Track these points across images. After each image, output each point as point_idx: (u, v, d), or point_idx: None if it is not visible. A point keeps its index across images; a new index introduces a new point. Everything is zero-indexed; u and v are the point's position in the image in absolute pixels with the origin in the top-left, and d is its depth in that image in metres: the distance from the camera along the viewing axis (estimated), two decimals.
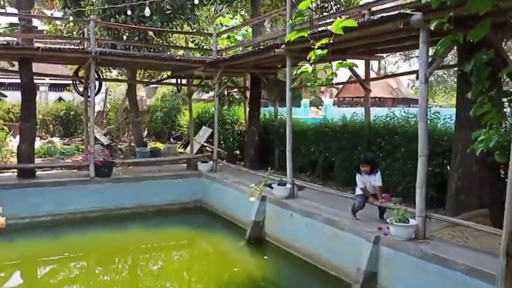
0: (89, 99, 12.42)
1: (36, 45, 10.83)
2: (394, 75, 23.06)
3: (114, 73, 20.20)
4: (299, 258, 7.95)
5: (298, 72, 2.73)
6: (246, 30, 15.69)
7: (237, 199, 10.11)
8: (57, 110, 22.50)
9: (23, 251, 8.74)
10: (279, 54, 8.77)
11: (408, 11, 5.86)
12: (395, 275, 6.15)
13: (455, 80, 33.91)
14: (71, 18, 11.90)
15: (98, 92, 13.05)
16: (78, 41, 12.67)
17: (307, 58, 3.10)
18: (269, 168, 9.47)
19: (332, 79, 2.87)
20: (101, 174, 10.70)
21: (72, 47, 13.86)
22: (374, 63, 47.02)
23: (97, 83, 12.49)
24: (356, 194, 7.36)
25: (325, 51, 2.52)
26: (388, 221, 6.28)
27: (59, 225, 10.03)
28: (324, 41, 2.47)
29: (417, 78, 6.22)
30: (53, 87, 29.20)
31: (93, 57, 10.41)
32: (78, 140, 19.68)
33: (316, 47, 2.52)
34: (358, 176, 7.26)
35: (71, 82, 27.33)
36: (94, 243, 9.39)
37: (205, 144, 15.35)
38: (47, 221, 10.05)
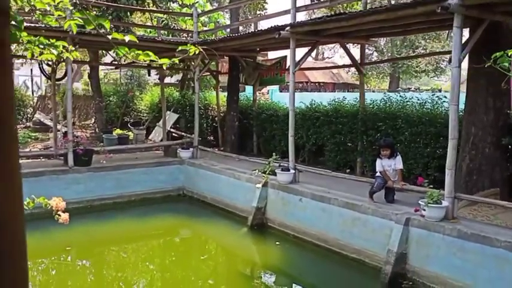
0: (57, 82, 11.51)
1: None
2: (409, 58, 22.40)
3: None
4: (311, 243, 7.92)
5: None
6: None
7: (232, 186, 9.86)
8: None
9: None
10: (282, 37, 8.56)
11: None
12: (428, 255, 6.28)
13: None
14: None
15: (66, 75, 12.06)
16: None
17: None
18: (274, 154, 9.27)
19: None
20: (80, 163, 9.96)
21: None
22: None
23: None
24: (376, 175, 7.42)
25: None
26: (420, 202, 6.39)
27: (38, 219, 9.13)
28: None
29: (449, 62, 6.32)
30: None
31: (71, 36, 9.58)
32: (23, 127, 18.23)
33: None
34: (378, 161, 7.32)
35: None
36: (81, 236, 8.74)
37: (172, 130, 14.79)
38: (25, 215, 9.17)
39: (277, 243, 8.30)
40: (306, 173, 8.98)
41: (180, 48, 3.64)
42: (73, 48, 4.08)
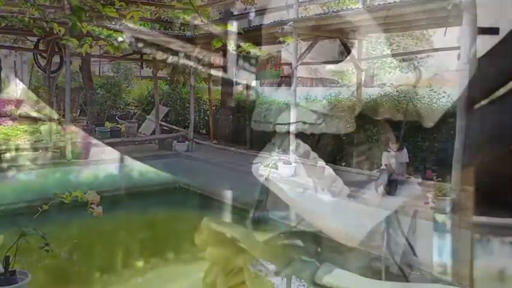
0: (52, 75, 11.35)
1: None
2: (413, 53, 22.63)
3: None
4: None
5: None
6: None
7: (232, 178, 9.92)
8: None
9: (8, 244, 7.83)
10: (285, 32, 8.63)
11: None
12: (437, 246, 6.47)
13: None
14: None
15: (60, 68, 11.86)
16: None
17: None
18: (277, 149, 9.38)
19: None
20: (79, 156, 9.87)
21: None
22: None
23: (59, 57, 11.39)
24: (381, 168, 7.59)
25: None
26: (428, 195, 6.57)
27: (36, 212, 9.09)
28: None
29: (458, 58, 6.49)
30: None
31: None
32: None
33: None
34: (384, 154, 7.48)
35: None
36: (85, 229, 8.70)
37: (162, 123, 14.72)
38: (22, 208, 9.04)
39: (281, 235, 8.41)
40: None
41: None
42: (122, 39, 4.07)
